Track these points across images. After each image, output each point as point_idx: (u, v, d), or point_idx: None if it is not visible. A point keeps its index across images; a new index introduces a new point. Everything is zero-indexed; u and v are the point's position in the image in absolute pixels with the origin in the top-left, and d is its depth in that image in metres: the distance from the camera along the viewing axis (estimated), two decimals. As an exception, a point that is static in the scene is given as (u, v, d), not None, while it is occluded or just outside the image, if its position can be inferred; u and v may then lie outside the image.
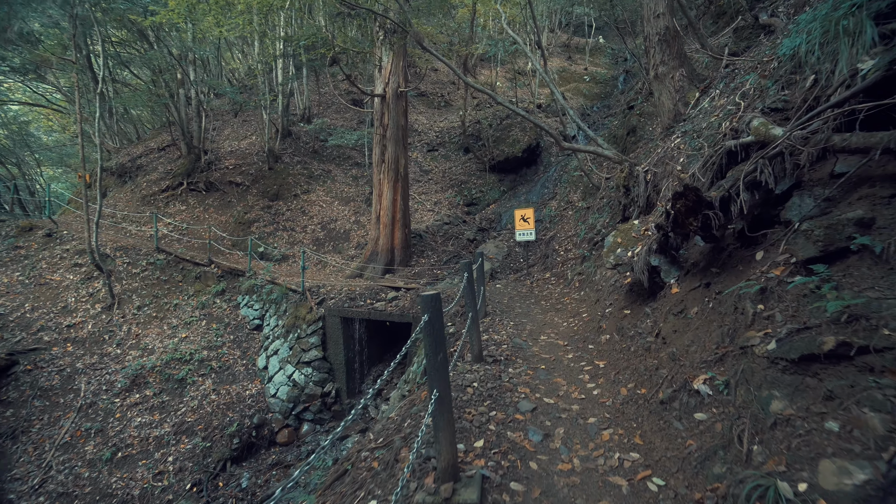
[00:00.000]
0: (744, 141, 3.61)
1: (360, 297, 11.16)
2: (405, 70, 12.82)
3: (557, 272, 9.84)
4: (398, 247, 12.90)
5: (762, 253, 3.55)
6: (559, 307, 7.50)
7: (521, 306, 7.94)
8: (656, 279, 4.75)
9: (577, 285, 8.46)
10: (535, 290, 9.27)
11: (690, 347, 3.62)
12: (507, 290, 9.43)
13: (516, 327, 6.47)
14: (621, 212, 8.15)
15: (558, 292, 8.64)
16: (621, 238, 5.39)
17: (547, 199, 15.66)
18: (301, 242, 15.62)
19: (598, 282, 7.34)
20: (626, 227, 5.52)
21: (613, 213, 9.16)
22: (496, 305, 7.96)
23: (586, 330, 5.83)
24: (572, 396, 4.12)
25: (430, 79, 24.93)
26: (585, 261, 8.98)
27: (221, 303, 12.91)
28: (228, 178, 16.87)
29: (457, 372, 4.78)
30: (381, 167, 12.81)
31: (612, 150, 9.00)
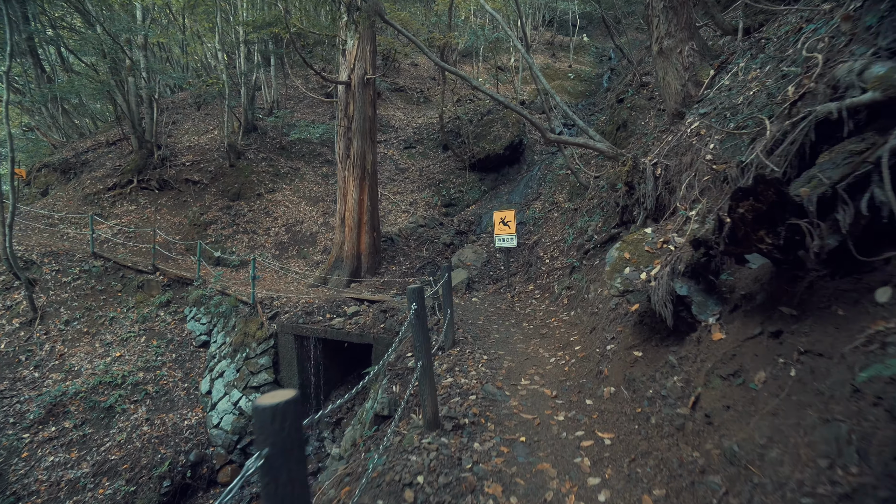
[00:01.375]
0: (856, 101, 2.12)
1: (319, 312, 9.51)
2: (373, 55, 11.20)
3: (542, 284, 8.33)
4: (365, 252, 11.28)
5: (890, 291, 2.05)
6: (545, 332, 5.98)
7: (499, 329, 6.40)
8: (684, 314, 3.25)
9: (565, 302, 6.95)
10: (517, 305, 7.75)
11: (768, 451, 2.11)
12: (485, 307, 7.89)
13: (491, 364, 4.93)
14: (618, 215, 6.66)
15: (544, 310, 7.12)
16: (629, 252, 3.87)
17: (530, 200, 14.17)
18: (262, 246, 13.89)
19: (593, 302, 5.84)
20: (635, 237, 4.01)
21: (608, 217, 7.68)
22: (469, 328, 6.41)
23: (581, 372, 4.31)
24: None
25: (409, 74, 23.30)
26: (575, 272, 7.49)
27: (166, 315, 11.14)
28: (185, 176, 15.03)
29: (397, 450, 3.22)
30: (345, 163, 11.17)
31: (605, 143, 7.52)
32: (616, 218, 7.07)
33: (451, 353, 5.39)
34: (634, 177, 4.97)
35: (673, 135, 5.09)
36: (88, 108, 19.59)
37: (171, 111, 18.56)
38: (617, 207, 6.66)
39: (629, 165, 5.01)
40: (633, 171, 4.98)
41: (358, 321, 8.50)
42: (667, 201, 4.73)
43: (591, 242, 7.42)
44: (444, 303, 5.60)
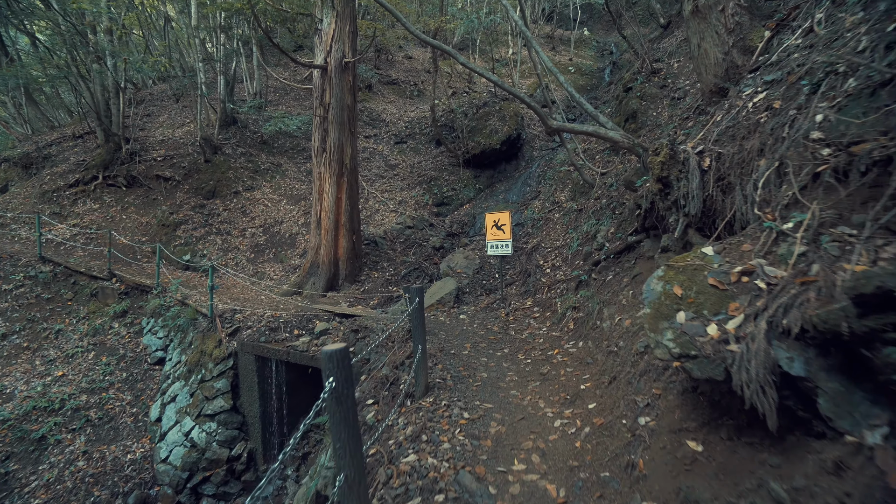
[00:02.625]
0: None
1: (285, 327, 8.07)
2: (353, 36, 9.70)
3: (542, 300, 6.87)
4: (343, 258, 9.81)
5: None
6: (547, 370, 4.53)
7: (488, 364, 4.95)
8: (798, 408, 1.82)
9: (571, 327, 5.50)
10: (512, 327, 6.29)
11: None
12: (473, 328, 6.43)
13: (473, 427, 3.48)
14: (638, 220, 5.20)
15: (544, 335, 5.67)
16: (681, 285, 2.41)
17: (529, 199, 12.69)
18: (237, 249, 12.43)
19: (610, 334, 4.39)
20: (688, 260, 2.54)
21: (622, 221, 6.21)
22: (451, 363, 4.96)
23: (601, 455, 2.87)
24: None
25: (402, 66, 21.75)
26: (583, 287, 6.03)
27: (120, 328, 9.70)
28: (155, 172, 13.55)
29: None
30: (321, 157, 9.69)
31: (618, 131, 6.04)
32: (634, 223, 5.61)
33: (421, 406, 3.94)
34: (671, 170, 3.51)
35: (724, 114, 3.62)
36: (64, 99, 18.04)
37: (149, 103, 17.05)
38: (637, 211, 5.20)
39: (664, 155, 3.54)
40: (669, 162, 3.52)
41: (325, 342, 7.05)
42: (719, 204, 3.27)
43: (603, 252, 5.95)
44: (414, 336, 4.15)
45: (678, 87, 9.95)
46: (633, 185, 5.92)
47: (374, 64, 20.65)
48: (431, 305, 8.10)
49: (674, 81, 10.39)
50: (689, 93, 9.32)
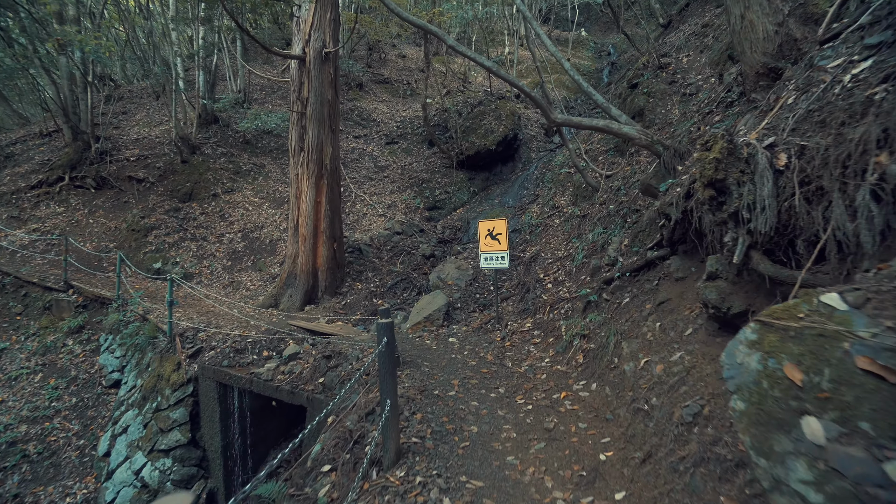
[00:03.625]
0: None
1: (253, 349, 7.02)
2: (334, 24, 8.66)
3: (544, 321, 5.84)
4: (322, 267, 8.76)
5: None
6: (553, 424, 3.50)
7: (479, 410, 3.92)
8: None
9: (580, 361, 4.47)
10: (509, 355, 5.26)
11: None
12: (463, 356, 5.40)
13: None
14: (662, 232, 4.18)
15: (548, 369, 4.64)
16: (800, 363, 1.38)
17: (526, 203, 11.68)
18: (213, 256, 11.35)
19: (635, 381, 3.37)
20: (795, 317, 1.53)
21: (637, 232, 5.19)
22: (434, 408, 3.92)
23: None
24: None
25: (396, 65, 20.71)
26: (591, 310, 5.01)
27: (75, 345, 8.61)
28: (128, 173, 12.46)
29: None
30: (298, 157, 8.64)
31: (633, 126, 5.04)
32: (655, 235, 4.59)
33: (389, 484, 2.91)
34: (729, 171, 2.49)
35: (796, 95, 2.62)
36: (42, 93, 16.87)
37: (127, 100, 15.94)
38: (661, 221, 4.18)
39: (718, 150, 2.53)
40: (726, 160, 2.51)
41: (293, 369, 6.00)
42: (804, 219, 2.27)
43: (617, 269, 4.93)
44: (382, 388, 3.11)
45: (689, 83, 8.97)
46: (652, 189, 4.90)
47: (367, 62, 19.62)
48: (418, 324, 7.07)
49: (684, 76, 9.41)
50: (701, 88, 8.34)
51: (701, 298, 2.96)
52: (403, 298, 8.65)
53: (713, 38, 9.59)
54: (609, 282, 5.04)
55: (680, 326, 3.41)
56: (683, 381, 2.83)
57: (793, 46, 3.40)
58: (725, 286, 2.75)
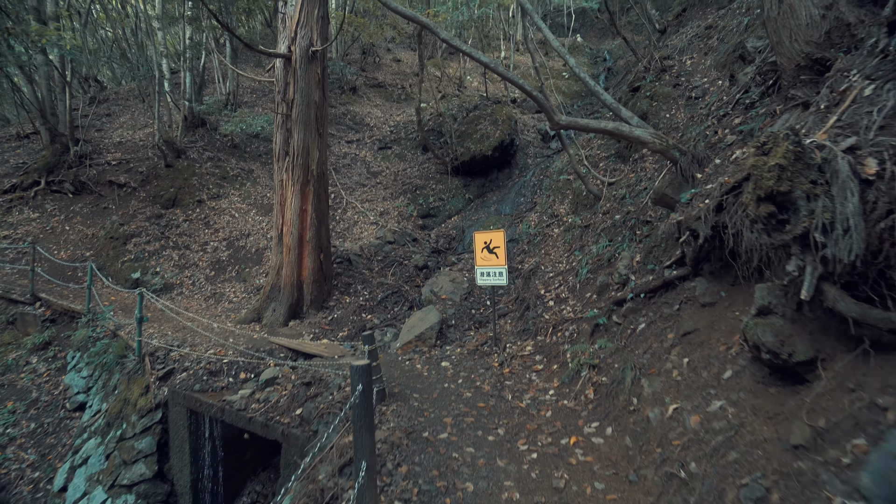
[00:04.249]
0: None
1: (229, 371, 6.38)
2: (322, 22, 8.08)
3: (546, 344, 5.24)
4: (308, 280, 8.12)
5: None
6: (564, 484, 2.89)
7: (475, 458, 3.30)
8: None
9: (590, 397, 3.87)
10: (508, 385, 4.65)
11: None
12: (458, 384, 4.78)
13: None
14: (690, 250, 3.60)
15: (553, 404, 4.04)
16: None
17: (524, 211, 11.11)
18: (195, 265, 10.67)
19: (664, 434, 2.76)
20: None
21: (651, 248, 4.59)
22: (422, 457, 3.30)
23: None
24: None
25: (390, 69, 20.17)
26: (601, 334, 4.42)
27: (39, 363, 7.91)
28: (108, 178, 11.78)
29: None
30: (283, 162, 8.02)
31: (646, 129, 4.48)
32: (674, 252, 4.01)
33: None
34: (796, 181, 1.91)
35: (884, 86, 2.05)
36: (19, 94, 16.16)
37: (112, 102, 15.27)
38: (683, 237, 3.60)
39: (782, 154, 1.95)
40: (791, 167, 1.93)
41: (269, 396, 5.35)
42: (904, 248, 1.69)
43: (629, 288, 4.34)
44: (356, 447, 2.49)
45: (694, 85, 8.44)
46: (667, 199, 4.32)
47: (360, 66, 19.07)
48: (409, 343, 6.44)
49: (688, 79, 8.89)
50: (708, 90, 7.82)
51: (749, 337, 2.37)
52: (394, 313, 8.02)
53: (718, 39, 9.10)
54: (620, 303, 4.45)
55: (715, 366, 2.81)
56: (731, 444, 2.23)
57: (844, 32, 2.85)
58: (783, 325, 2.16)
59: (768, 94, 4.54)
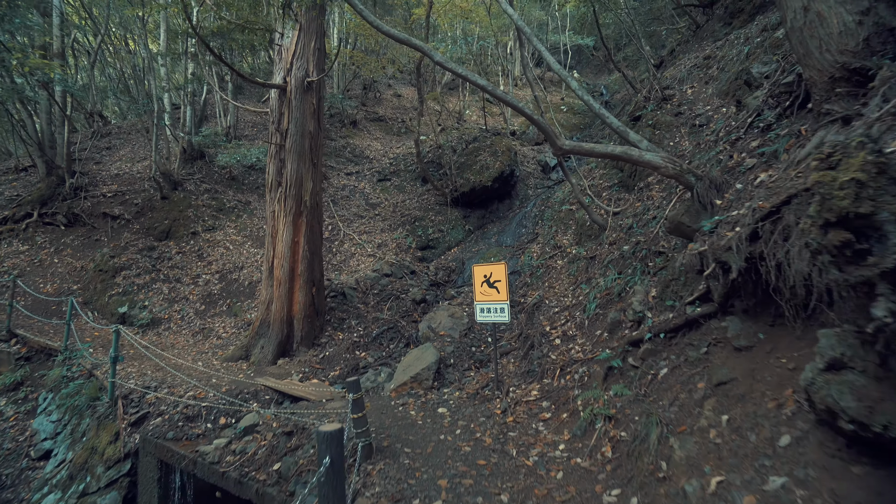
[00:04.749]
0: None
1: (208, 414, 5.82)
2: (319, 54, 7.95)
3: (554, 389, 4.67)
4: (298, 315, 7.62)
5: None
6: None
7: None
8: None
9: (608, 456, 3.30)
10: (513, 437, 4.07)
11: None
12: (455, 435, 4.20)
13: None
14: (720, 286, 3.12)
15: (565, 463, 3.46)
16: None
17: (525, 243, 10.70)
18: (185, 299, 10.19)
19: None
20: None
21: (667, 281, 4.12)
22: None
23: None
24: None
25: (391, 104, 20.34)
26: (615, 379, 3.88)
27: (7, 406, 7.30)
28: (102, 209, 11.49)
29: None
30: (275, 193, 7.69)
31: (658, 153, 4.10)
32: (692, 285, 3.54)
33: None
34: (880, 201, 1.49)
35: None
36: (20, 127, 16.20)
37: (115, 136, 15.23)
38: (703, 268, 3.15)
39: (859, 167, 1.53)
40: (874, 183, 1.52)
41: (247, 447, 4.76)
42: None
43: (647, 327, 3.83)
44: None
45: (697, 114, 8.19)
46: (684, 228, 3.89)
47: (361, 100, 19.22)
48: (403, 385, 5.87)
49: (690, 108, 8.66)
50: (712, 118, 7.56)
51: (816, 397, 1.87)
52: (389, 350, 7.46)
53: (718, 68, 8.94)
54: (636, 343, 3.93)
55: (765, 428, 2.28)
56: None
57: (887, 38, 2.50)
58: (866, 385, 1.67)
59: (786, 115, 4.19)
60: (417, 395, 5.62)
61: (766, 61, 6.15)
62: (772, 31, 7.45)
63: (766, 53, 6.73)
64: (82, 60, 16.23)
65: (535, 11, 22.68)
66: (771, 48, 6.80)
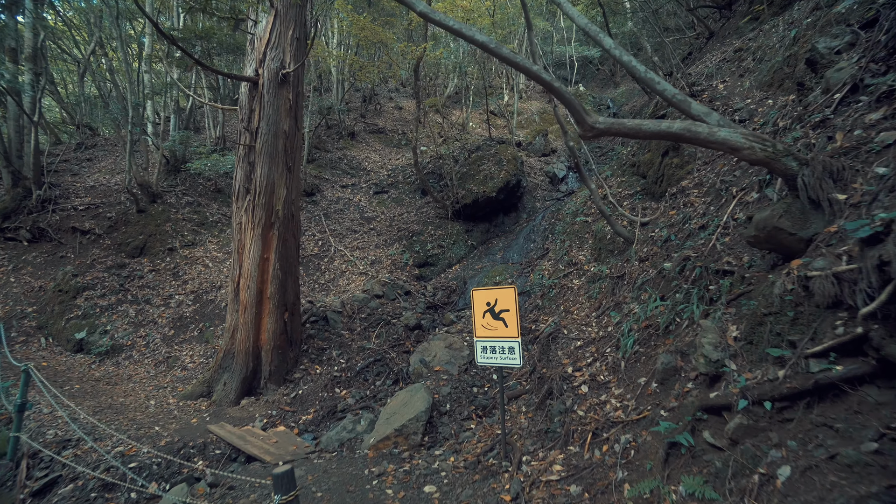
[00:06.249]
0: None
1: (134, 480, 4.44)
2: (298, 43, 6.82)
3: (584, 465, 3.27)
4: (267, 346, 6.29)
5: None
6: None
7: None
8: None
9: None
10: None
11: None
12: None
13: None
14: (880, 332, 1.78)
15: None
16: None
17: (534, 259, 9.36)
18: (153, 323, 8.91)
19: None
20: None
21: (760, 317, 2.74)
22: None
23: None
24: None
25: (391, 116, 19.34)
26: (684, 465, 2.51)
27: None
28: (72, 224, 10.34)
29: None
30: (243, 201, 6.46)
31: (738, 129, 2.79)
32: (804, 325, 2.19)
33: None
34: None
35: None
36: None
37: (100, 148, 14.25)
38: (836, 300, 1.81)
39: None
40: None
41: (161, 542, 3.38)
42: None
43: (739, 389, 2.46)
44: None
45: (736, 108, 6.89)
46: (783, 238, 2.55)
47: (361, 112, 18.23)
48: (386, 440, 4.49)
49: (725, 103, 7.37)
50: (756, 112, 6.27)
51: None
52: (374, 389, 6.08)
53: (754, 59, 7.69)
54: (716, 410, 2.56)
55: None
56: None
57: None
58: None
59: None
60: (401, 457, 4.23)
61: (837, 33, 4.89)
62: (827, 7, 6.22)
63: (831, 26, 5.47)
64: (72, 69, 15.44)
65: (539, 23, 21.80)
66: (833, 23, 5.55)
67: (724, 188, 5.01)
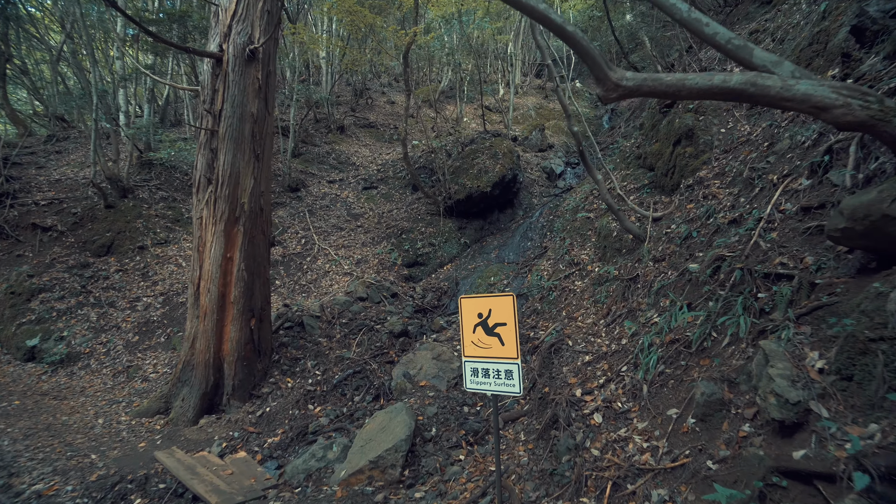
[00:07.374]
0: None
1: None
2: (269, 17, 5.98)
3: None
4: (230, 357, 5.45)
5: None
6: None
7: None
8: None
9: None
10: None
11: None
12: None
13: None
14: None
15: None
16: None
17: (532, 258, 8.57)
18: (116, 328, 8.03)
19: None
20: None
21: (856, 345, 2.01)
22: None
23: None
24: None
25: (383, 111, 18.47)
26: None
27: None
28: (32, 220, 9.42)
29: None
30: (204, 193, 5.61)
31: (823, 83, 1.99)
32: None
33: None
34: None
35: None
36: None
37: (73, 141, 13.29)
38: None
39: None
40: None
41: None
42: None
43: (851, 456, 1.70)
44: None
45: (757, 94, 6.07)
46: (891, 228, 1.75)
47: (351, 106, 17.37)
48: (358, 473, 3.69)
49: (743, 89, 6.55)
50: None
51: None
52: (353, 406, 5.26)
53: (773, 40, 6.92)
54: (803, 477, 1.77)
55: None
56: None
57: None
58: None
59: None
60: (374, 499, 3.42)
61: (890, -5, 4.13)
62: (863, -24, 5.46)
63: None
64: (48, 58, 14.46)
65: (535, 16, 20.98)
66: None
67: (757, 176, 4.23)
